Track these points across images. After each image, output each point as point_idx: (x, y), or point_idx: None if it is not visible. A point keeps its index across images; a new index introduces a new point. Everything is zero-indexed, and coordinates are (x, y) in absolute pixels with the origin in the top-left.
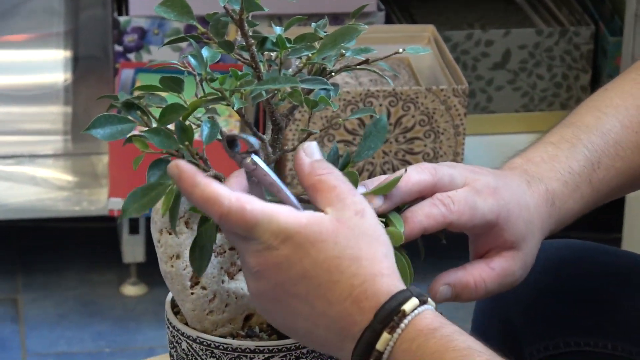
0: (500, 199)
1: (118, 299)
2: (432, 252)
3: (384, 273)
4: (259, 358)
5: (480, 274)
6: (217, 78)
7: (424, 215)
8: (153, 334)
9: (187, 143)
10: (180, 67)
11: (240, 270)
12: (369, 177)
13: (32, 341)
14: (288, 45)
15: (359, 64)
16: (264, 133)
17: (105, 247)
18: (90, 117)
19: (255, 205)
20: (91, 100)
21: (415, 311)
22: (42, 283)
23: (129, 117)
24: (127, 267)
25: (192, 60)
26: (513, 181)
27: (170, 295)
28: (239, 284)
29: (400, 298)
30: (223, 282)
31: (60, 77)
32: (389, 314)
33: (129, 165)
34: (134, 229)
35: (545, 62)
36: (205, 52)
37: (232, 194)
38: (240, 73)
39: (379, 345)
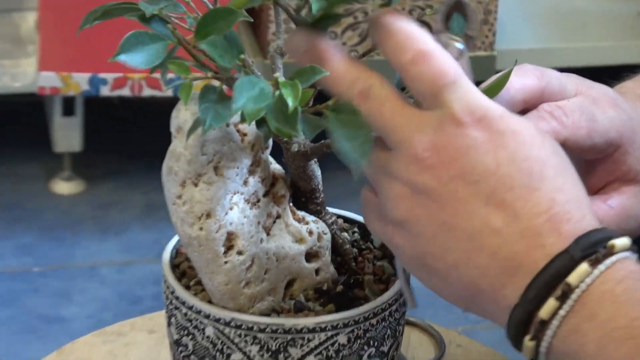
0: (622, 113)
1: (48, 198)
2: None
3: (588, 203)
4: (319, 338)
5: (597, 212)
6: None
7: None
8: (95, 248)
9: (242, 56)
10: None
11: (276, 220)
12: None
13: None
14: None
15: None
16: None
17: (32, 132)
18: None
19: (459, 68)
20: None
21: (627, 253)
22: None
23: (159, 34)
24: (58, 157)
25: None
26: (628, 101)
27: (167, 255)
28: (279, 241)
29: (608, 232)
30: (262, 241)
31: None
32: (594, 244)
33: (65, 26)
34: (68, 109)
35: None
36: None
37: (435, 42)
38: None
39: (573, 278)
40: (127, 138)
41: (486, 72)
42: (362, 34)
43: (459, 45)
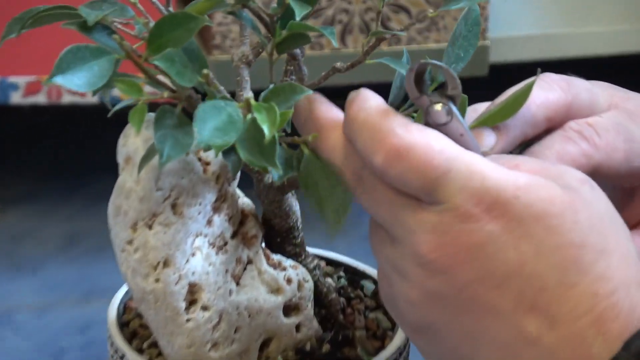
0: None
1: None
2: None
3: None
4: None
5: (637, 249)
6: None
7: (556, 157)
8: (7, 288)
9: (205, 72)
10: None
11: (247, 267)
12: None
13: None
14: None
15: None
16: None
17: None
18: None
19: (446, 146)
20: None
21: None
22: None
23: (104, 46)
24: None
25: None
26: None
27: (113, 312)
28: (252, 292)
29: None
30: (231, 293)
31: None
32: None
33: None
34: None
35: None
36: None
37: (410, 124)
38: None
39: None
40: (43, 155)
41: (478, 65)
42: (326, 22)
43: (445, 107)
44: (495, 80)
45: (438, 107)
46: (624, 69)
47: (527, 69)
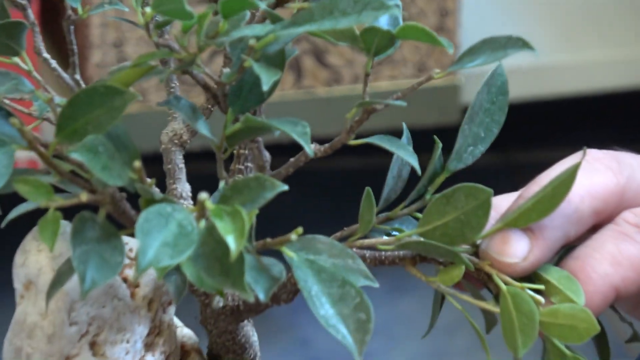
0: None
1: None
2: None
3: None
4: None
5: None
6: (164, 21)
7: (610, 262)
8: None
9: (137, 165)
10: None
11: None
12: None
13: None
14: None
15: None
16: None
17: None
18: None
19: None
20: None
21: None
22: None
23: None
24: None
25: None
26: None
27: None
28: None
29: None
30: None
31: None
32: None
33: None
34: None
35: None
36: None
37: None
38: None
39: None
40: None
41: (446, 109)
42: None
43: None
44: None
45: None
46: (636, 107)
47: (511, 114)
